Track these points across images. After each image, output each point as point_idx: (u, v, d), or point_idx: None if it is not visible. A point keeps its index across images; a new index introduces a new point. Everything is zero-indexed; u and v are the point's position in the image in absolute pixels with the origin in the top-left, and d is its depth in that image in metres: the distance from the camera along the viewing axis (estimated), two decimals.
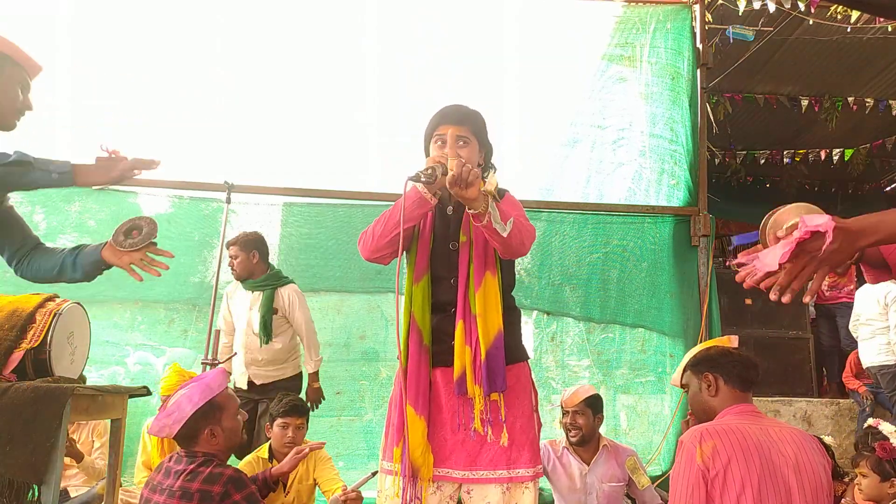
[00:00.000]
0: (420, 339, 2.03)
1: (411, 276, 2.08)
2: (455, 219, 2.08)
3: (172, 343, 4.16)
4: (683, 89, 4.67)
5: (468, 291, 2.02)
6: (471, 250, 2.04)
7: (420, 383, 2.00)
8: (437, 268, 2.07)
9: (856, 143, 7.71)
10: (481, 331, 1.99)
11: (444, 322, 2.05)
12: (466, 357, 1.98)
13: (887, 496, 2.68)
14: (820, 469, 1.90)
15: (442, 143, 2.04)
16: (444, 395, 2.03)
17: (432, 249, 2.07)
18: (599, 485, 3.05)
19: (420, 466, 1.97)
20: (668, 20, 4.74)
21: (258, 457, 3.14)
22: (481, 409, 1.99)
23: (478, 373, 1.98)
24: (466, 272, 2.02)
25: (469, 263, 2.03)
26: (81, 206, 4.21)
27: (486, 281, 2.02)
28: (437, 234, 2.08)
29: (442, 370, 2.04)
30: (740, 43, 5.54)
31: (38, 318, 2.24)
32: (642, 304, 4.48)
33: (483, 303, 2.01)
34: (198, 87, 4.50)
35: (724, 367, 2.09)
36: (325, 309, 4.29)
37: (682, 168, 4.64)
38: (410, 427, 1.96)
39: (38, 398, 1.98)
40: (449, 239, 2.07)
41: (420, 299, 2.04)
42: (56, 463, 1.96)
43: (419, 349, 2.02)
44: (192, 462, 2.10)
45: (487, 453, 1.99)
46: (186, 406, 2.16)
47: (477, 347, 1.99)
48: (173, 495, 2.00)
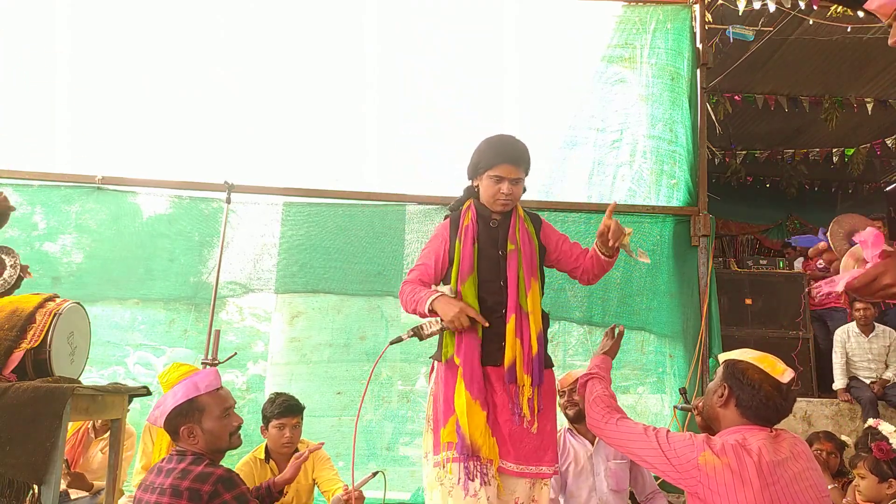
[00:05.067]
0: (473, 332, 2.19)
1: (455, 278, 2.25)
2: (502, 230, 2.31)
3: (172, 343, 4.16)
4: (683, 89, 4.67)
5: (519, 292, 2.23)
6: (519, 257, 2.28)
7: (474, 374, 2.16)
8: (484, 271, 2.27)
9: (856, 142, 7.71)
10: (532, 326, 2.21)
11: (496, 323, 2.21)
12: (518, 348, 2.18)
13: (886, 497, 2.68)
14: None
15: (498, 180, 2.26)
16: (497, 390, 2.19)
17: (479, 255, 2.28)
18: (606, 463, 3.04)
19: (481, 446, 2.09)
20: (668, 20, 4.74)
21: (255, 457, 3.14)
22: (529, 396, 2.18)
23: (527, 363, 2.18)
24: (516, 275, 2.25)
25: (519, 268, 2.26)
26: (81, 206, 4.22)
27: (532, 285, 2.27)
28: (481, 242, 2.30)
29: (494, 368, 2.20)
30: (740, 43, 5.54)
31: (38, 318, 2.24)
32: (643, 305, 4.48)
33: (532, 303, 2.24)
34: (198, 87, 4.50)
35: (746, 392, 1.92)
36: (325, 309, 4.29)
37: (682, 168, 4.64)
38: (468, 411, 2.10)
39: (38, 398, 1.98)
40: (497, 246, 2.29)
41: (468, 297, 2.21)
42: (56, 463, 1.96)
43: (473, 341, 2.18)
44: (182, 461, 2.10)
45: (524, 449, 2.16)
46: (169, 400, 2.17)
47: (528, 341, 2.20)
48: (164, 493, 2.00)
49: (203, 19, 4.53)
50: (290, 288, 4.27)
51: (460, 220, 2.36)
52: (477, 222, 2.33)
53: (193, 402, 2.16)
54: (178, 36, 4.49)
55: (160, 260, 4.20)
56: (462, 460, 2.08)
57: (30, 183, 4.17)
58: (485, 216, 2.34)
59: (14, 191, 4.11)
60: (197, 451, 2.14)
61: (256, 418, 3.36)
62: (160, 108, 4.44)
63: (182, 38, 4.49)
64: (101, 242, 4.16)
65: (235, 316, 4.49)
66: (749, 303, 5.38)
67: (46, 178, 4.19)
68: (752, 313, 5.37)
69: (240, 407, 3.87)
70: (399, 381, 4.35)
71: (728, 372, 2.00)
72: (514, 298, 2.23)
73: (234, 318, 4.48)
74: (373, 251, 4.32)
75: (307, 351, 4.25)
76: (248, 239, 4.29)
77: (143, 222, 4.27)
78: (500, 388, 2.19)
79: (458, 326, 2.12)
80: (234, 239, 4.24)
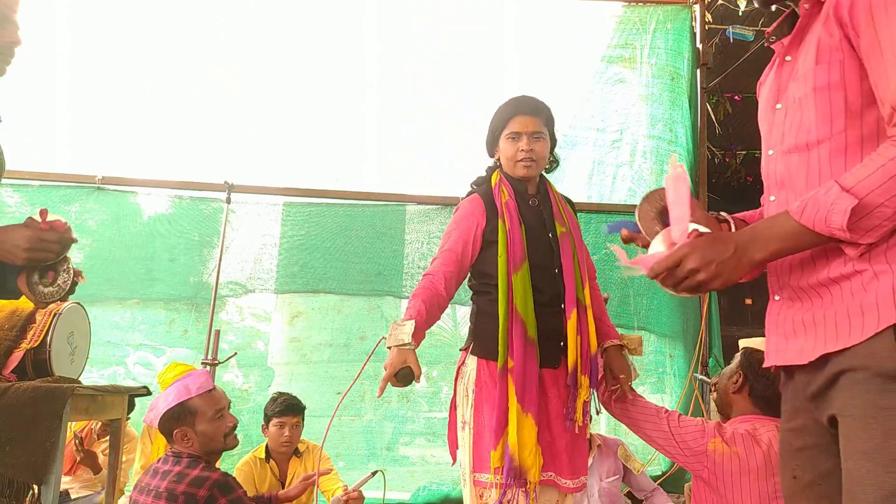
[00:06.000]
0: (524, 331, 1.87)
1: (505, 266, 1.93)
2: (545, 209, 2.04)
3: (172, 343, 4.15)
4: (683, 89, 4.67)
5: (576, 282, 1.96)
6: (572, 241, 2.01)
7: (528, 379, 1.86)
8: (535, 257, 1.95)
9: None
10: (590, 322, 1.96)
11: (553, 319, 1.93)
12: (579, 348, 1.92)
13: None
14: None
15: (515, 137, 1.99)
16: (551, 396, 1.92)
17: (528, 238, 1.96)
18: (599, 483, 3.04)
19: (529, 468, 1.82)
20: (668, 20, 4.74)
21: (255, 457, 3.14)
22: (586, 399, 1.93)
23: (585, 364, 1.93)
24: (572, 262, 1.97)
25: (574, 254, 1.99)
26: (81, 206, 4.21)
27: (586, 275, 2.03)
28: (527, 222, 1.99)
29: (550, 371, 1.93)
30: (740, 43, 5.53)
31: (38, 318, 2.25)
32: (643, 305, 4.48)
33: (588, 296, 1.99)
34: (198, 87, 4.50)
35: (761, 383, 1.97)
36: (325, 309, 4.28)
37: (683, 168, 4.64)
38: (519, 426, 1.82)
39: (38, 398, 1.98)
40: (546, 228, 2.01)
41: (521, 289, 1.90)
42: (56, 463, 1.96)
43: (524, 343, 1.87)
44: (178, 463, 2.09)
45: (580, 458, 1.95)
46: (161, 403, 2.17)
47: (586, 338, 1.94)
48: (159, 496, 2.00)
49: (203, 19, 4.53)
50: (290, 288, 4.27)
51: (495, 196, 2.02)
52: (515, 199, 2.00)
53: (185, 406, 2.16)
54: (178, 36, 4.49)
55: (160, 260, 4.19)
56: (507, 486, 1.81)
57: (30, 183, 4.17)
58: (521, 192, 2.03)
59: (14, 191, 4.11)
60: (193, 452, 2.14)
61: (256, 419, 3.36)
62: (160, 108, 4.44)
63: (182, 37, 4.48)
64: (101, 242, 4.16)
65: (235, 316, 4.50)
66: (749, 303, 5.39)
67: (46, 178, 4.19)
68: (752, 313, 5.38)
69: (239, 408, 3.87)
70: None
71: (745, 360, 2.04)
72: (573, 290, 1.93)
73: (234, 318, 4.48)
74: (373, 251, 4.32)
75: (307, 351, 4.25)
76: (248, 239, 4.29)
77: (144, 222, 4.26)
78: (553, 394, 1.92)
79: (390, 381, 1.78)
80: (234, 239, 4.24)
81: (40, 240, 1.47)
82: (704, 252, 1.05)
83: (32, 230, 1.48)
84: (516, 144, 2.00)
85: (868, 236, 0.98)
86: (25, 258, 1.47)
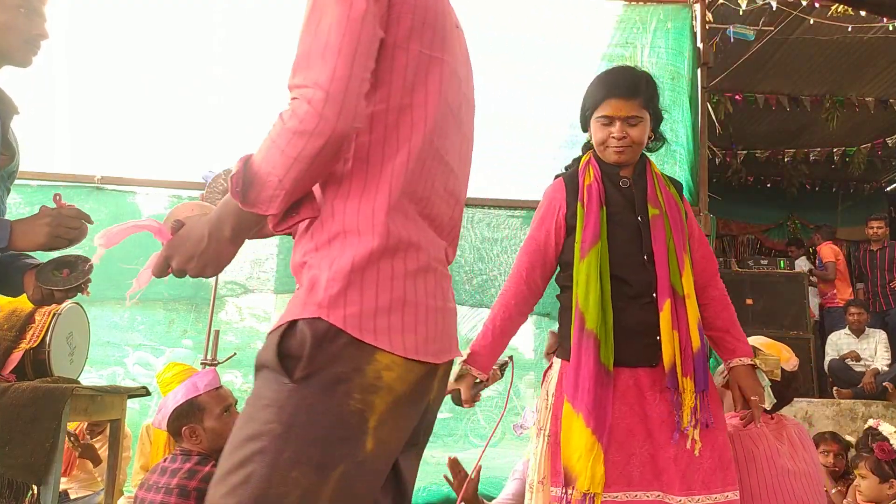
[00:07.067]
0: (581, 322, 1.71)
1: (579, 249, 1.76)
2: (638, 190, 1.82)
3: (172, 343, 4.15)
4: (684, 89, 4.66)
5: (671, 269, 1.74)
6: (667, 224, 1.78)
7: (581, 374, 1.68)
8: (620, 243, 1.77)
9: (857, 142, 7.70)
10: (690, 314, 1.73)
11: (643, 311, 1.74)
12: (676, 344, 1.70)
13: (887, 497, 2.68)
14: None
15: (607, 122, 1.79)
16: (650, 399, 1.71)
17: (609, 221, 1.78)
18: None
19: (577, 475, 1.61)
20: (669, 20, 4.73)
21: None
22: (693, 405, 1.67)
23: (687, 363, 1.69)
24: (665, 248, 1.75)
25: (668, 238, 1.76)
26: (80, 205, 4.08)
27: (685, 261, 1.78)
28: (612, 205, 1.80)
29: (647, 371, 1.73)
30: (741, 42, 5.52)
31: (38, 319, 2.24)
32: None
33: (687, 284, 1.75)
34: (197, 86, 4.49)
35: None
36: None
37: (683, 168, 4.63)
38: (566, 427, 1.67)
39: (38, 398, 1.98)
40: (635, 211, 1.80)
41: (584, 276, 1.73)
42: (55, 463, 1.96)
43: (581, 335, 1.70)
44: (188, 461, 2.10)
45: (700, 471, 1.65)
46: (170, 402, 2.17)
47: (685, 333, 1.72)
48: (170, 493, 2.00)
49: (202, 19, 4.52)
50: (289, 288, 4.26)
51: (579, 179, 1.85)
52: (602, 181, 1.82)
53: (193, 403, 2.16)
54: (176, 35, 4.48)
55: None
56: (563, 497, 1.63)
57: (28, 183, 4.17)
58: (611, 174, 1.84)
59: (13, 190, 4.09)
60: (201, 450, 2.14)
61: None
62: (159, 108, 4.43)
63: (181, 37, 4.48)
64: None
65: (235, 316, 4.49)
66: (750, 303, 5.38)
67: (45, 178, 4.18)
68: (752, 313, 5.37)
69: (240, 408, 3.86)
70: None
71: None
72: (666, 278, 1.73)
73: (233, 319, 4.47)
74: None
75: None
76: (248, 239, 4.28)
77: None
78: (654, 397, 1.71)
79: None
80: None
81: (61, 218, 1.53)
82: (182, 250, 1.06)
83: (53, 213, 1.53)
84: (607, 130, 1.79)
85: (270, 207, 0.97)
86: (47, 236, 1.51)
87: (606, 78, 1.84)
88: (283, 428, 0.90)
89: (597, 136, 1.82)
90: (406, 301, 0.97)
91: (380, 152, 1.01)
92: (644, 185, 1.83)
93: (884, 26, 5.30)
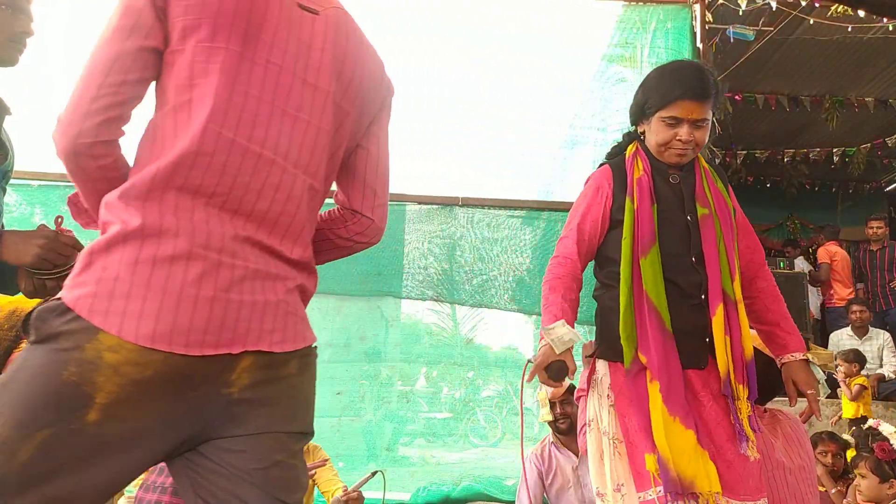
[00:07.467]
0: (660, 322, 1.63)
1: (630, 249, 1.69)
2: (686, 187, 1.75)
3: None
4: None
5: (722, 272, 1.68)
6: (717, 225, 1.71)
7: (672, 377, 1.61)
8: (668, 242, 1.69)
9: (856, 142, 7.70)
10: (742, 320, 1.68)
11: (693, 313, 1.67)
12: (728, 350, 1.64)
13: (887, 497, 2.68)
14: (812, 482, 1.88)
15: (674, 123, 1.69)
16: (704, 402, 1.66)
17: (659, 219, 1.70)
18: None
19: (694, 476, 1.54)
20: (669, 20, 4.74)
21: None
22: (749, 413, 1.65)
23: (739, 370, 1.65)
24: (716, 250, 1.68)
25: (719, 240, 1.69)
26: None
27: (737, 266, 1.71)
28: (661, 201, 1.73)
29: (697, 373, 1.67)
30: (741, 43, 5.53)
31: None
32: None
33: (740, 290, 1.70)
34: None
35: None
36: (326, 310, 4.28)
37: None
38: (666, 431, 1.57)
39: None
40: (684, 209, 1.73)
41: (652, 274, 1.65)
42: None
43: (662, 335, 1.63)
44: None
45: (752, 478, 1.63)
46: None
47: (738, 340, 1.66)
48: (164, 492, 1.99)
49: None
50: None
51: (627, 169, 1.77)
52: (652, 175, 1.74)
53: None
54: None
55: None
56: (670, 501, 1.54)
57: (29, 183, 4.17)
58: (660, 168, 1.76)
59: (13, 190, 4.10)
60: None
61: None
62: None
63: None
64: None
65: None
66: None
67: (46, 178, 4.18)
68: None
69: None
70: (399, 382, 4.34)
71: None
72: (717, 281, 1.66)
73: None
74: (372, 251, 4.26)
75: None
76: None
77: None
78: (707, 400, 1.65)
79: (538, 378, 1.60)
80: None
81: (55, 244, 1.49)
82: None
83: (50, 235, 1.49)
84: (673, 131, 1.70)
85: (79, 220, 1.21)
86: (35, 257, 1.48)
87: (678, 76, 1.73)
88: (5, 380, 0.98)
89: (659, 136, 1.73)
90: (150, 287, 0.98)
91: (147, 153, 1.10)
92: (693, 181, 1.76)
93: (884, 26, 5.30)
